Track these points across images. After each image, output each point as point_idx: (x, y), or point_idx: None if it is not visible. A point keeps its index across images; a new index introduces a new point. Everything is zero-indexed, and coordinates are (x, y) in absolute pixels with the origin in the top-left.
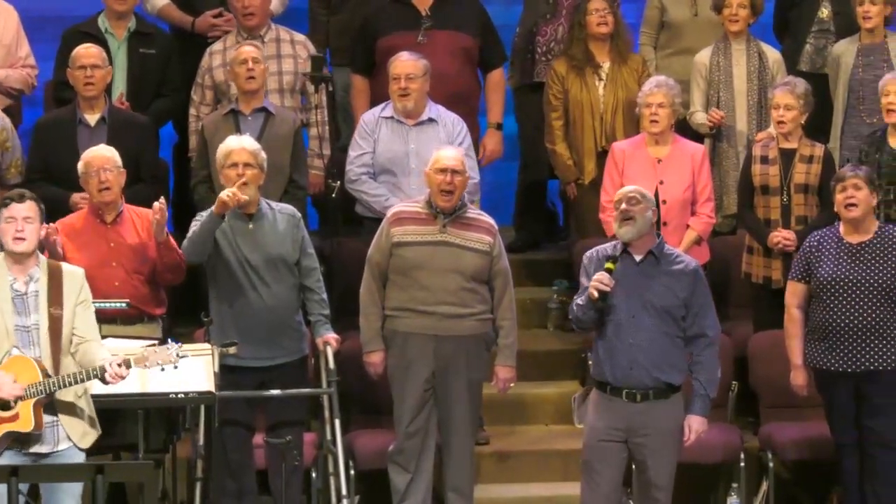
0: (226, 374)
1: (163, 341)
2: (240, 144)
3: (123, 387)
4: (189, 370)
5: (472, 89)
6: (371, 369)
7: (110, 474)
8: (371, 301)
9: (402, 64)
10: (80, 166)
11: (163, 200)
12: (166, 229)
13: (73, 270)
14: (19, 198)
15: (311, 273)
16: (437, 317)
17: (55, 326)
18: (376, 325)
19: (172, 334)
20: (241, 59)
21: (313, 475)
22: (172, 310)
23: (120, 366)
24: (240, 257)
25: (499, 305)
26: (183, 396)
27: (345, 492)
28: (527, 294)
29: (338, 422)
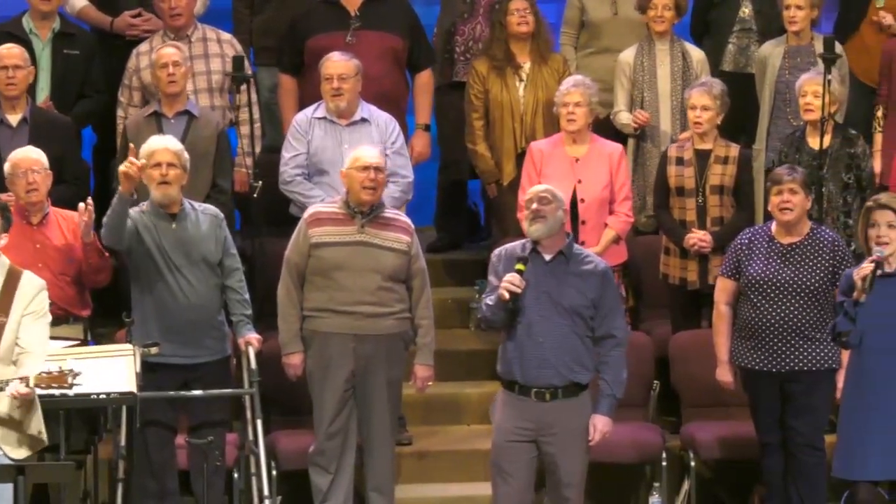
0: (148, 374)
1: (84, 342)
2: (163, 144)
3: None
4: (110, 370)
5: (400, 90)
6: (290, 371)
7: (31, 475)
8: (289, 302)
9: (335, 64)
10: (7, 167)
11: (90, 201)
12: (92, 230)
13: (31, 279)
14: None
15: (233, 273)
16: (356, 316)
17: None
18: (295, 327)
19: (94, 335)
20: (162, 63)
21: (235, 476)
22: (94, 310)
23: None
24: (163, 256)
25: (417, 305)
26: (104, 397)
27: (267, 492)
28: (448, 294)
29: (259, 422)
